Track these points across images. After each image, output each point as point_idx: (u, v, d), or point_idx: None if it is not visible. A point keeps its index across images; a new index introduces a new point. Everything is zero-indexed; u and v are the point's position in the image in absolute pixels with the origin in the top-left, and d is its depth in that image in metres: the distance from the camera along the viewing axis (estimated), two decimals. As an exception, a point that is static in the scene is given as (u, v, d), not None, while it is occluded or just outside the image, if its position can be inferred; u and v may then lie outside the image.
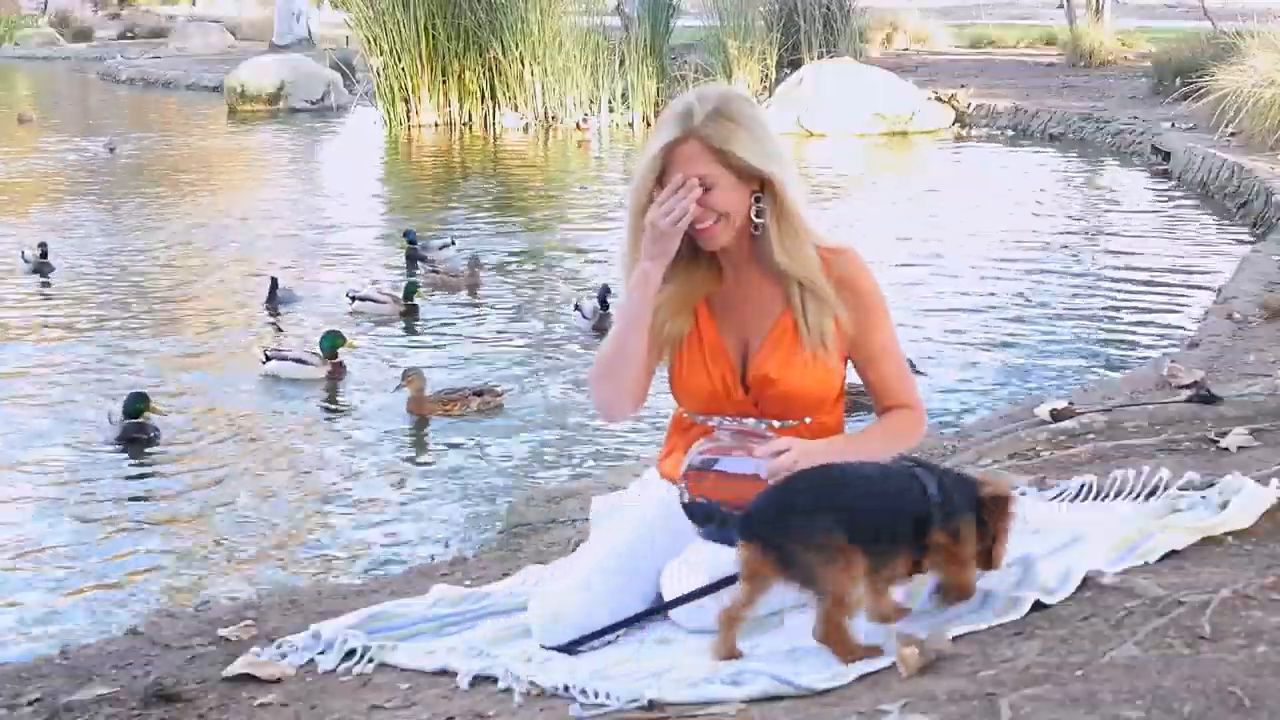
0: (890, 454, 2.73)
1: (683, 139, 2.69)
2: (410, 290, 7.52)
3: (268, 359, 6.26)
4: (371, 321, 7.35)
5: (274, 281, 7.49)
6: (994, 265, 8.54)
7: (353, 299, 7.48)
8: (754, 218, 2.73)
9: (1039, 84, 17.38)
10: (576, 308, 7.20)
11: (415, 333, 7.31)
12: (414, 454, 5.45)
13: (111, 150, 13.28)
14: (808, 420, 2.79)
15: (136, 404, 5.51)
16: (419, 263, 8.61)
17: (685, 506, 2.73)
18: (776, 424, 2.77)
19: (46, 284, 8.37)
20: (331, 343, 6.27)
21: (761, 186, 2.73)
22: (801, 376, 2.77)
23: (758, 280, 2.79)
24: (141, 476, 5.21)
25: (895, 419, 2.83)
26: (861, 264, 2.82)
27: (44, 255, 8.55)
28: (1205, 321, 5.72)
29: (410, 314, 7.47)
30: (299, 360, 6.17)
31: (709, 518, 2.72)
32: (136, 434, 5.46)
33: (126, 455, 5.41)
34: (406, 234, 8.94)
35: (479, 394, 5.83)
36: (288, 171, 14.05)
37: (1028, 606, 2.43)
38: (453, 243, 8.99)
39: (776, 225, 2.73)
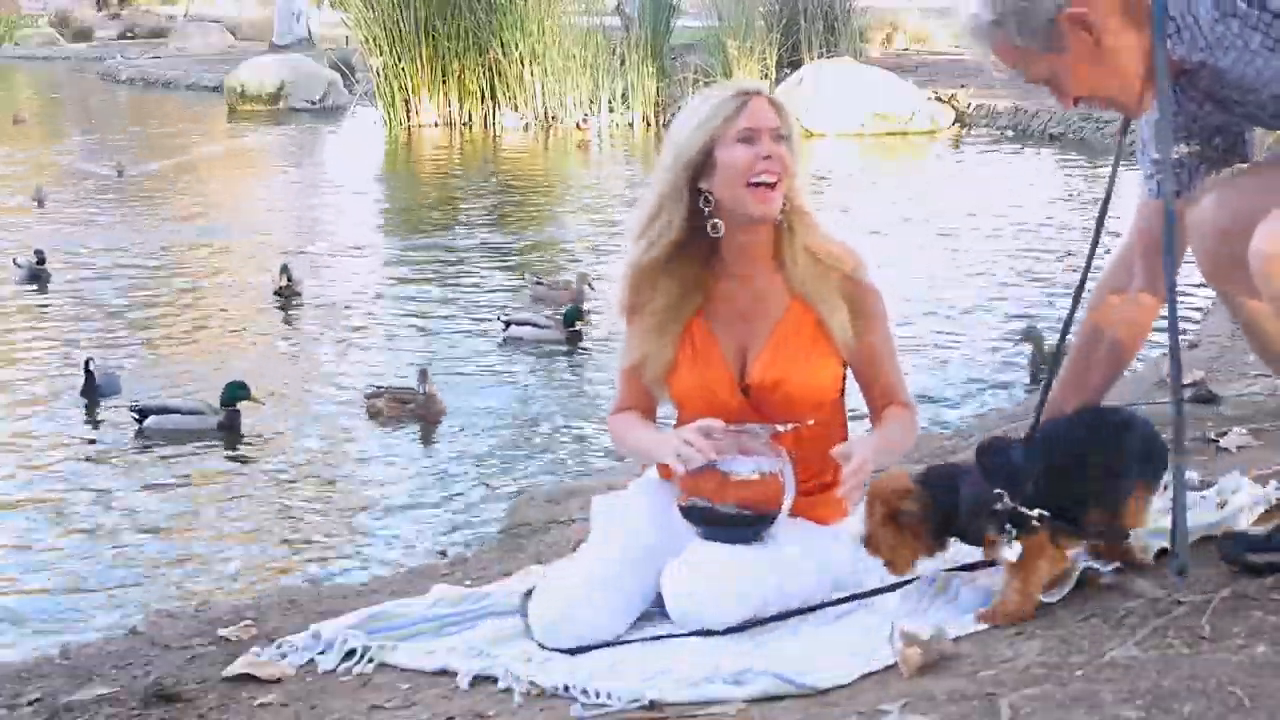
0: (906, 450, 2.80)
1: (756, 93, 2.74)
2: (571, 316, 6.91)
3: (142, 416, 5.66)
4: (532, 347, 6.86)
5: (87, 365, 6.08)
6: (993, 265, 8.54)
7: (507, 324, 7.00)
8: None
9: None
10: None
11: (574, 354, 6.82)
12: (413, 454, 5.44)
13: (120, 174, 12.77)
14: (810, 422, 2.79)
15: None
16: (291, 297, 7.83)
17: (681, 510, 2.73)
18: (780, 428, 2.75)
19: (44, 292, 8.23)
20: (233, 394, 5.66)
21: None
22: (805, 377, 2.77)
23: (765, 278, 2.80)
24: (139, 479, 5.20)
25: (906, 418, 2.85)
26: (865, 263, 2.84)
27: (41, 262, 8.34)
28: (1205, 321, 5.71)
29: (575, 339, 6.89)
30: (191, 411, 5.65)
31: (705, 520, 2.72)
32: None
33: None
34: (284, 268, 7.93)
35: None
36: (289, 173, 14.05)
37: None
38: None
39: (799, 215, 2.78)
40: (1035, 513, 2.37)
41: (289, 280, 7.82)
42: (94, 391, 6.02)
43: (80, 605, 4.08)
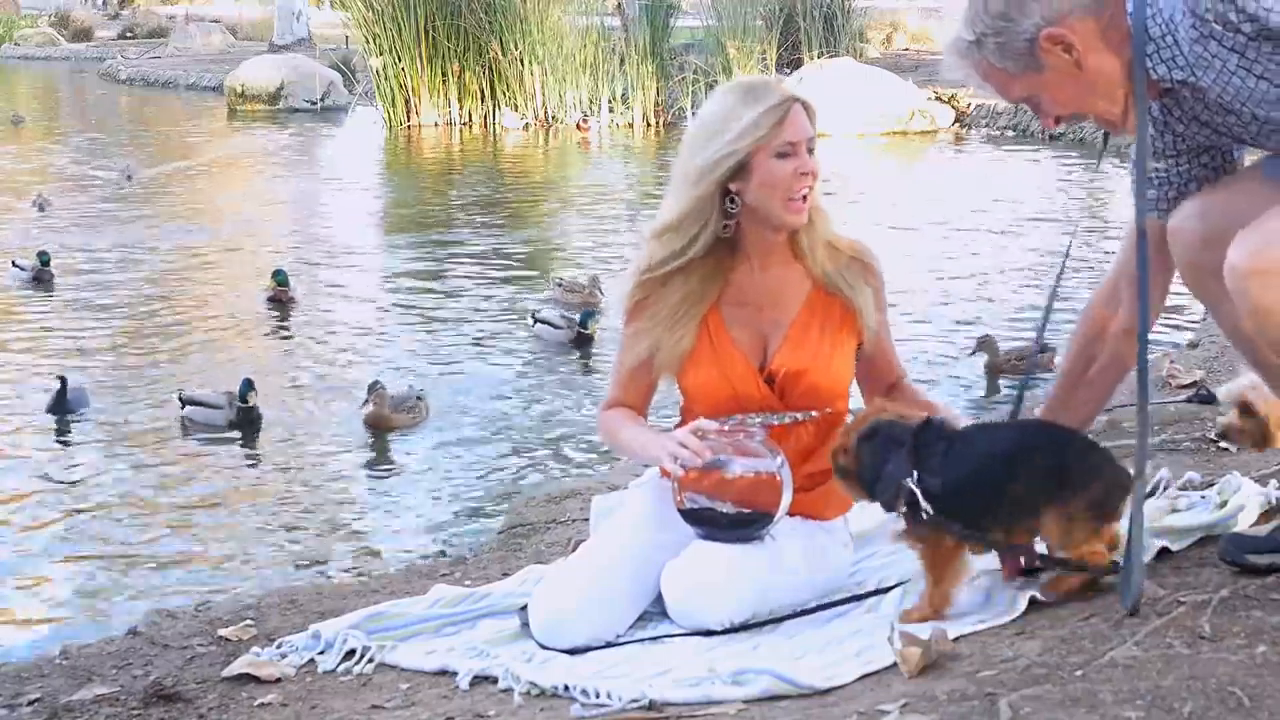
0: None
1: (792, 100, 2.76)
2: (585, 319, 6.81)
3: (182, 405, 5.74)
4: (542, 346, 6.85)
5: (63, 383, 5.86)
6: (993, 265, 8.54)
7: (535, 321, 6.97)
8: None
9: (1039, 84, 17.35)
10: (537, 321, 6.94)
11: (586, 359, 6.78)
12: (413, 454, 5.44)
13: (129, 178, 12.35)
14: (828, 410, 2.83)
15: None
16: (287, 303, 7.64)
17: (681, 512, 2.74)
18: (799, 416, 2.80)
19: (49, 295, 8.14)
20: (244, 390, 5.67)
21: None
22: (827, 364, 2.82)
23: (783, 269, 2.83)
24: (137, 480, 5.20)
25: (915, 393, 2.93)
26: (874, 254, 2.92)
27: (45, 264, 8.23)
28: (1205, 321, 5.71)
29: (584, 341, 6.81)
30: (212, 404, 5.71)
31: (704, 521, 2.72)
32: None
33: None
34: (276, 274, 7.77)
35: (419, 398, 5.69)
36: (291, 175, 14.03)
37: (1024, 604, 2.44)
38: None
39: (814, 209, 2.82)
40: (925, 509, 2.44)
41: (283, 286, 7.66)
42: (64, 408, 5.82)
43: (80, 605, 4.08)
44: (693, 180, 2.76)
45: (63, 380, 5.87)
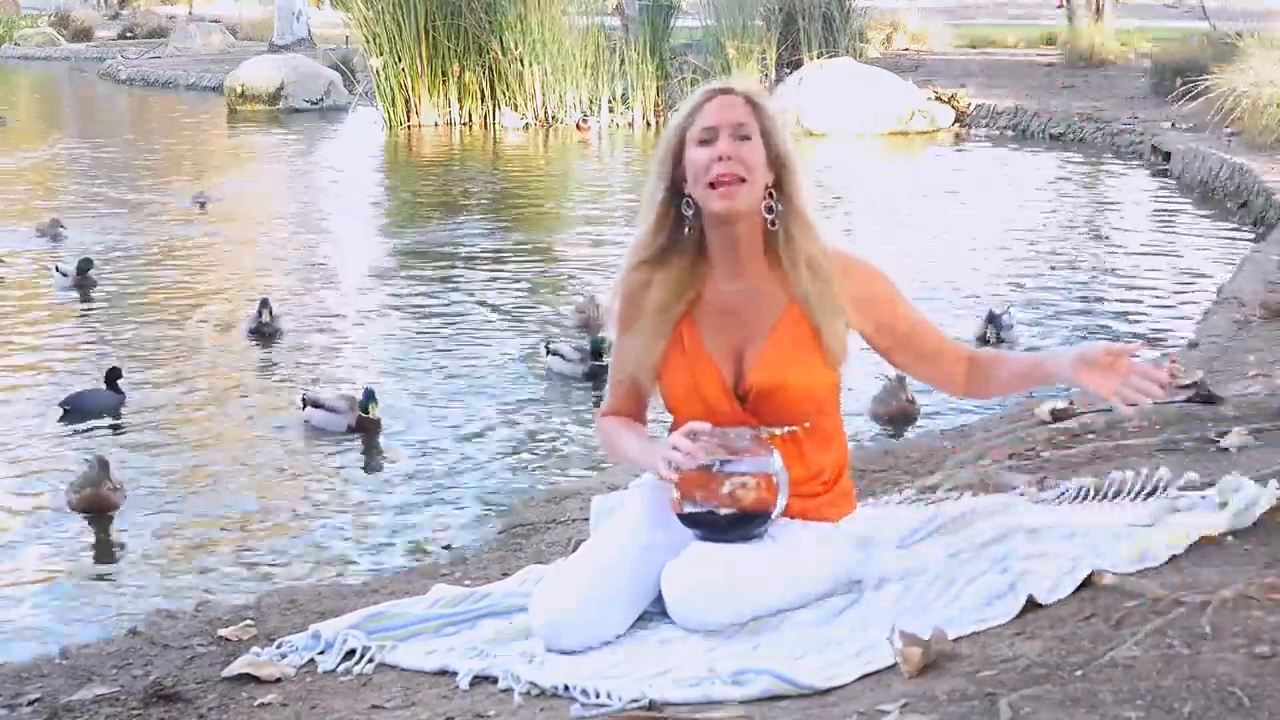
0: None
1: (725, 90, 2.75)
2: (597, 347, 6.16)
3: (304, 405, 5.75)
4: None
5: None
6: (994, 265, 8.54)
7: (548, 353, 6.43)
8: (766, 212, 2.75)
9: (1039, 84, 17.38)
10: (551, 352, 6.34)
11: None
12: (412, 455, 5.44)
13: (202, 205, 11.25)
14: (807, 425, 2.79)
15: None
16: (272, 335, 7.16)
17: (679, 516, 2.73)
18: (777, 431, 2.76)
19: (90, 301, 8.02)
20: (368, 399, 5.63)
21: (777, 182, 2.76)
22: (803, 379, 2.76)
23: (759, 280, 2.79)
24: (141, 480, 5.20)
25: (999, 357, 2.94)
26: (857, 257, 2.83)
27: (84, 271, 8.09)
28: (1205, 321, 5.71)
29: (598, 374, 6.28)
30: (332, 409, 5.70)
31: (702, 523, 2.72)
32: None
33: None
34: (262, 302, 7.21)
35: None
36: (293, 173, 14.02)
37: (1022, 603, 2.44)
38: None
39: (791, 219, 2.76)
40: None
41: (270, 317, 7.20)
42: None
43: (80, 605, 4.08)
44: (647, 182, 2.83)
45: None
